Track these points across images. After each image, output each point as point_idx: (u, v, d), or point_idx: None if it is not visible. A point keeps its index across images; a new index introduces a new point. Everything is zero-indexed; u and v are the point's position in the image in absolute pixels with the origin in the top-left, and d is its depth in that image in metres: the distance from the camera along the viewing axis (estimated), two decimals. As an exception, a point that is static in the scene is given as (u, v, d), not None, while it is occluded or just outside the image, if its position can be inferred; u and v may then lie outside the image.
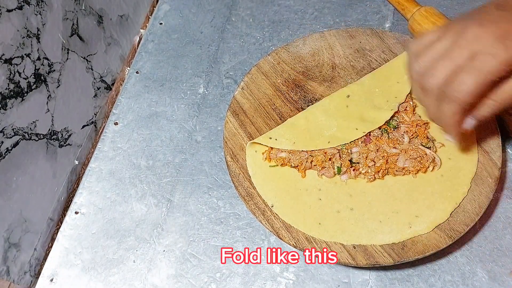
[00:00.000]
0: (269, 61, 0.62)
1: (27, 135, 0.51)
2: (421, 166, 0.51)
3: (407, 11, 0.65)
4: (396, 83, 0.57)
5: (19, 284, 0.52)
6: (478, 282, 0.48)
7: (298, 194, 0.52)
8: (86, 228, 0.55)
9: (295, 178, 0.53)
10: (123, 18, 0.69)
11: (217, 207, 0.55)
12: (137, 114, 0.63)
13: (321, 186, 0.52)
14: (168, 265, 0.52)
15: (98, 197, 0.57)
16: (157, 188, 0.57)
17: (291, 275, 0.50)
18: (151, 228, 0.55)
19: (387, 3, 0.70)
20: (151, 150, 0.60)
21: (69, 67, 0.58)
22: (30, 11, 0.50)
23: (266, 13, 0.71)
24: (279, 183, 0.53)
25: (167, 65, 0.68)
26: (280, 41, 0.68)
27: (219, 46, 0.69)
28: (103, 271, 0.52)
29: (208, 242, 0.53)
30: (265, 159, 0.54)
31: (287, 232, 0.49)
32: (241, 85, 0.60)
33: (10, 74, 0.48)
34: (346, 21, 0.69)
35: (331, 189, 0.52)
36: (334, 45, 0.62)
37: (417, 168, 0.51)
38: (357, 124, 0.54)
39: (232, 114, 0.58)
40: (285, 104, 0.58)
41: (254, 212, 0.51)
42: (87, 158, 0.64)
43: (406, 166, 0.51)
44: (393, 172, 0.52)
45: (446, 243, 0.47)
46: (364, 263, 0.47)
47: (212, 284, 0.51)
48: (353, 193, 0.51)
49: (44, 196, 0.56)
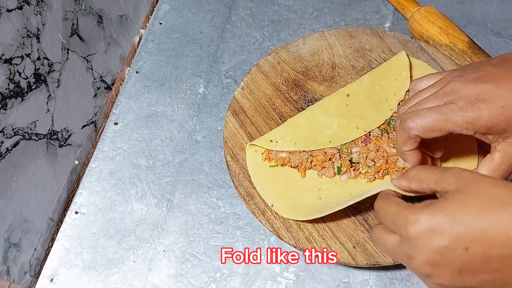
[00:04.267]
0: (269, 61, 0.62)
1: (27, 135, 0.51)
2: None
3: (407, 11, 0.65)
4: (394, 80, 0.57)
5: (19, 284, 0.52)
6: (478, 282, 0.48)
7: (298, 193, 0.52)
8: (86, 228, 0.55)
9: (295, 178, 0.53)
10: (123, 18, 0.69)
11: (217, 207, 0.55)
12: (137, 114, 0.64)
13: (321, 186, 0.52)
14: (168, 265, 0.52)
15: (98, 197, 0.57)
16: (157, 188, 0.57)
17: (291, 275, 0.50)
18: (151, 228, 0.55)
19: (387, 3, 0.70)
20: (151, 150, 0.60)
21: (69, 67, 0.58)
22: (30, 11, 0.50)
23: (266, 13, 0.71)
24: (279, 183, 0.53)
25: (167, 65, 0.68)
26: (280, 41, 0.68)
27: (219, 46, 0.69)
28: (103, 271, 0.52)
29: (208, 242, 0.53)
30: (264, 159, 0.54)
31: (287, 232, 0.49)
32: (241, 85, 0.60)
33: (10, 74, 0.48)
34: (346, 20, 0.69)
35: (331, 189, 0.52)
36: (334, 44, 0.62)
37: (417, 168, 0.51)
38: (357, 123, 0.54)
39: (232, 114, 0.58)
40: (285, 104, 0.58)
41: (254, 212, 0.51)
42: (87, 158, 0.64)
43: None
44: (393, 172, 0.52)
45: (446, 243, 0.47)
46: (364, 263, 0.47)
47: (212, 284, 0.51)
48: (353, 193, 0.51)
49: (44, 196, 0.56)
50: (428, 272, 0.36)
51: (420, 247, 0.35)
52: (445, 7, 0.68)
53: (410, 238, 0.36)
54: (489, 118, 0.40)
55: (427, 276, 0.36)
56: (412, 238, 0.36)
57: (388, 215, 0.39)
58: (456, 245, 0.34)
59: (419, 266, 0.36)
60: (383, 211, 0.40)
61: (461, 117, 0.41)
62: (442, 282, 0.36)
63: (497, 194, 0.35)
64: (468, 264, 0.34)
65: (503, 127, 0.41)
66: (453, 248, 0.34)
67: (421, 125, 0.43)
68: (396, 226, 0.38)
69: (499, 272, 0.34)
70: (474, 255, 0.34)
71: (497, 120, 0.40)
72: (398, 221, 0.37)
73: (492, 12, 0.68)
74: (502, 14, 0.68)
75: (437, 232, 0.35)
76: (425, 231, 0.35)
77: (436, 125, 0.42)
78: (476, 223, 0.34)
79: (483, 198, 0.35)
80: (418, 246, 0.36)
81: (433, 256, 0.35)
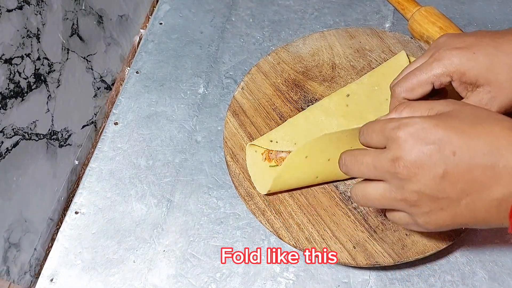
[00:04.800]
0: (269, 61, 0.62)
1: (27, 135, 0.51)
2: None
3: (407, 11, 0.65)
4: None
5: (19, 284, 0.52)
6: (478, 282, 0.48)
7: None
8: (86, 228, 0.55)
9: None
10: (123, 18, 0.69)
11: (217, 207, 0.55)
12: (137, 114, 0.63)
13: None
14: (168, 265, 0.52)
15: (98, 197, 0.57)
16: (157, 188, 0.57)
17: (291, 275, 0.50)
18: (151, 228, 0.55)
19: (387, 3, 0.70)
20: (151, 150, 0.60)
21: (69, 67, 0.58)
22: (30, 11, 0.50)
23: (266, 13, 0.71)
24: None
25: (167, 65, 0.68)
26: (280, 41, 0.68)
27: (219, 46, 0.69)
28: (103, 271, 0.52)
29: (208, 242, 0.53)
30: (265, 159, 0.54)
31: (287, 232, 0.49)
32: (241, 85, 0.60)
33: (10, 74, 0.48)
34: (346, 21, 0.69)
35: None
36: (334, 45, 0.62)
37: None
38: (357, 123, 0.54)
39: (232, 114, 0.58)
40: (285, 104, 0.58)
41: (254, 212, 0.51)
42: (87, 158, 0.64)
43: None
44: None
45: (446, 243, 0.47)
46: (364, 263, 0.47)
47: (212, 284, 0.51)
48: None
49: (44, 196, 0.56)
50: (411, 175, 0.35)
51: (409, 146, 0.36)
52: (445, 8, 0.68)
53: (399, 139, 0.36)
54: (460, 63, 0.42)
55: (408, 180, 0.36)
56: (401, 138, 0.36)
57: (377, 126, 0.39)
58: (445, 147, 0.35)
59: (403, 167, 0.36)
60: (370, 126, 0.40)
61: (438, 65, 0.43)
62: (422, 187, 0.36)
63: (491, 113, 0.38)
64: (452, 169, 0.35)
65: (475, 74, 0.42)
66: (441, 150, 0.35)
67: (405, 86, 0.44)
68: (385, 133, 0.37)
69: (479, 184, 0.34)
70: (460, 160, 0.34)
71: (468, 65, 0.42)
72: (388, 127, 0.37)
73: (492, 12, 0.68)
74: (502, 15, 0.68)
75: (428, 133, 0.35)
76: (416, 132, 0.36)
77: (418, 79, 0.44)
78: (468, 130, 0.35)
79: (478, 114, 0.37)
80: (406, 146, 0.36)
81: (420, 155, 0.35)
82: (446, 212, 0.36)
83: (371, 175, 0.39)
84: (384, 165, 0.37)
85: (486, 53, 0.42)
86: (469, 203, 0.35)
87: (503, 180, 0.34)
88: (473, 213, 0.35)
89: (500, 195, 0.34)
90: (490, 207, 0.35)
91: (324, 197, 0.51)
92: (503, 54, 0.41)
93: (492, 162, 0.34)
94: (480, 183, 0.34)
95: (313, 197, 0.51)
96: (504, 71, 0.41)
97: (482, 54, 0.42)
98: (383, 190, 0.38)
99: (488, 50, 0.42)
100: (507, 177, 0.34)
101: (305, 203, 0.51)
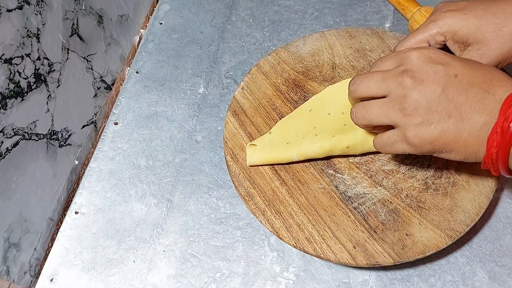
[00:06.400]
0: (269, 61, 0.62)
1: (27, 135, 0.51)
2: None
3: (407, 11, 0.65)
4: None
5: (19, 284, 0.52)
6: (478, 282, 0.48)
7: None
8: (86, 228, 0.55)
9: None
10: (123, 18, 0.69)
11: (217, 207, 0.55)
12: (137, 114, 0.63)
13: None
14: (168, 265, 0.52)
15: (98, 197, 0.57)
16: (157, 188, 0.57)
17: (291, 275, 0.50)
18: (151, 228, 0.55)
19: (387, 3, 0.70)
20: (151, 150, 0.60)
21: (69, 67, 0.58)
22: (30, 11, 0.50)
23: (266, 13, 0.71)
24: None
25: (167, 65, 0.68)
26: (280, 41, 0.68)
27: (219, 46, 0.69)
28: (103, 271, 0.52)
29: (208, 242, 0.53)
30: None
31: (287, 232, 0.49)
32: (241, 85, 0.60)
33: (10, 74, 0.48)
34: (346, 21, 0.69)
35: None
36: (334, 45, 0.62)
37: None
38: None
39: (232, 114, 0.58)
40: (285, 104, 0.58)
41: (254, 212, 0.51)
42: (87, 158, 0.64)
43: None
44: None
45: (446, 243, 0.47)
46: (364, 263, 0.47)
47: (212, 284, 0.51)
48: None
49: (44, 196, 0.56)
50: (415, 84, 0.40)
51: (420, 62, 0.41)
52: (445, 8, 0.68)
53: (412, 55, 0.42)
54: (452, 23, 0.47)
55: (411, 89, 0.40)
56: (415, 55, 0.42)
57: (391, 54, 0.45)
58: (450, 69, 0.40)
59: (410, 77, 0.40)
60: (384, 56, 0.45)
61: (434, 25, 0.48)
62: (421, 98, 0.40)
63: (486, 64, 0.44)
64: (451, 88, 0.40)
65: (465, 33, 0.46)
66: (446, 70, 0.40)
67: (405, 45, 0.50)
68: (399, 55, 0.43)
69: (469, 105, 0.39)
70: (460, 81, 0.40)
71: (459, 25, 0.46)
72: (403, 50, 0.43)
73: (492, 12, 0.68)
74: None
75: (438, 56, 0.41)
76: (428, 53, 0.42)
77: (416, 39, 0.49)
78: (470, 62, 0.41)
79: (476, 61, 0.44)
80: (418, 62, 0.41)
81: (428, 70, 0.40)
82: (434, 128, 0.40)
83: (377, 89, 0.43)
84: (393, 75, 0.42)
85: (476, 14, 0.46)
86: (457, 121, 0.39)
87: (489, 106, 0.38)
88: (458, 132, 0.39)
89: (484, 120, 0.38)
90: (473, 129, 0.39)
91: (324, 197, 0.51)
92: (491, 15, 0.45)
93: (484, 89, 0.39)
94: (470, 105, 0.39)
95: (313, 197, 0.51)
96: (490, 29, 0.45)
97: (472, 15, 0.46)
98: (383, 102, 0.42)
99: (478, 11, 0.46)
100: (493, 103, 0.38)
101: (305, 203, 0.51)
